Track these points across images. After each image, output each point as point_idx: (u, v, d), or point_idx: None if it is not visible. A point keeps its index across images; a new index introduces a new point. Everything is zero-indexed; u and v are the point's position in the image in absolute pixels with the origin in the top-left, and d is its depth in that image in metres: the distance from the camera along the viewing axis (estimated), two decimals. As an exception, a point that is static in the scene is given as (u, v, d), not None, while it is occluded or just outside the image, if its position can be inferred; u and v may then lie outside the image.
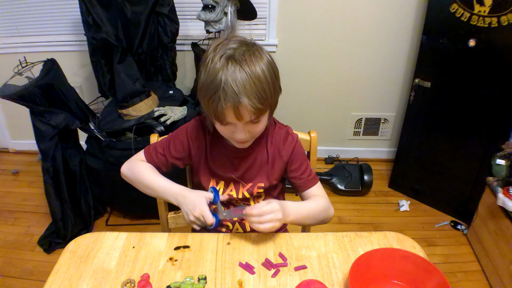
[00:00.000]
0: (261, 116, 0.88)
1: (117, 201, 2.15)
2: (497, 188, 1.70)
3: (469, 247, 1.98)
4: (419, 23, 2.19)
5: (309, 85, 2.47)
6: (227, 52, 0.83)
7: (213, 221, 0.91)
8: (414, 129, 2.23)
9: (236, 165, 1.04)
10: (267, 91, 0.85)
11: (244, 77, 0.81)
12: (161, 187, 1.00)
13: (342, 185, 2.37)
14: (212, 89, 0.82)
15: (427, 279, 0.80)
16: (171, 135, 1.07)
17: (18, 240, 2.03)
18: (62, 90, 1.83)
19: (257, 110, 0.84)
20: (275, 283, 0.84)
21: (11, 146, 2.85)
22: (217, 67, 0.82)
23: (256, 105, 0.83)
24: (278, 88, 0.91)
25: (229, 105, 0.82)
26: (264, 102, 0.85)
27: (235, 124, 0.88)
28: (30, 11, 2.32)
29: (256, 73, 0.82)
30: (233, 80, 0.80)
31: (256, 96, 0.82)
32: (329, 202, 1.04)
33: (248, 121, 0.87)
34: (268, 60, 0.87)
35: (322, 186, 1.08)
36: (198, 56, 2.09)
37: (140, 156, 1.07)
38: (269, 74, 0.85)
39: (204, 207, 0.92)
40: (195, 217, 0.92)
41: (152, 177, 1.02)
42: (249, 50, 0.84)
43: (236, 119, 0.85)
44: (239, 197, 1.05)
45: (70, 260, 0.89)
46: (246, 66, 0.82)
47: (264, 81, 0.84)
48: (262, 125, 0.92)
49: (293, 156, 1.04)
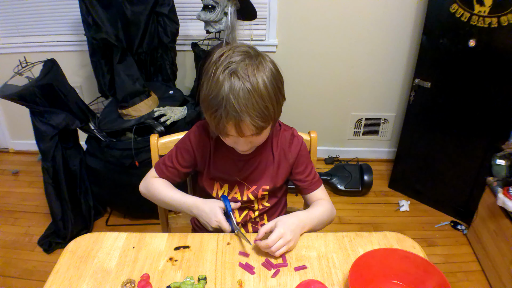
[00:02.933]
0: (263, 130, 0.88)
1: (117, 201, 2.15)
2: (497, 188, 1.70)
3: (469, 247, 1.98)
4: (419, 23, 2.19)
5: (309, 85, 2.47)
6: (230, 66, 0.81)
7: (230, 229, 0.96)
8: (414, 129, 2.23)
9: (240, 168, 1.04)
10: (270, 108, 0.84)
11: (247, 95, 0.80)
12: (175, 201, 1.03)
13: (342, 185, 2.37)
14: (214, 105, 0.82)
15: (427, 279, 0.80)
16: (176, 146, 1.09)
17: (18, 240, 2.03)
18: (62, 90, 1.83)
19: (259, 127, 0.84)
20: (275, 283, 0.84)
21: (11, 146, 2.85)
22: (220, 82, 0.81)
23: (258, 123, 0.83)
24: (282, 98, 0.90)
25: (231, 122, 0.82)
26: (267, 119, 0.85)
27: (237, 138, 0.89)
28: (30, 11, 2.32)
29: (258, 90, 0.81)
30: (236, 98, 0.80)
31: (258, 114, 0.82)
32: (331, 203, 1.07)
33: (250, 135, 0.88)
34: (271, 71, 0.86)
35: (324, 188, 1.10)
36: (198, 56, 2.09)
37: (153, 173, 1.09)
38: (272, 88, 0.84)
39: (220, 217, 0.96)
40: (213, 228, 0.97)
41: (166, 192, 1.05)
42: (252, 65, 0.82)
43: (237, 135, 0.86)
44: (243, 199, 1.05)
45: (70, 260, 0.89)
46: (248, 83, 0.80)
47: (266, 97, 0.83)
48: (265, 135, 0.93)
49: (299, 158, 1.05)
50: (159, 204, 1.10)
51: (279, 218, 0.93)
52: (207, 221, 0.98)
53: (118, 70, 1.91)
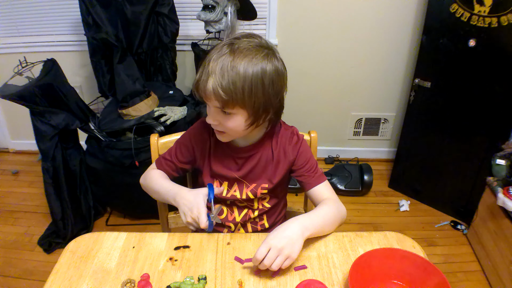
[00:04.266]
0: (228, 108, 0.87)
1: (117, 201, 2.15)
2: (497, 188, 1.70)
3: (469, 247, 1.98)
4: (419, 23, 2.19)
5: (309, 85, 2.47)
6: (235, 41, 0.86)
7: (206, 225, 0.90)
8: (414, 129, 2.23)
9: (240, 165, 1.04)
10: (240, 89, 0.83)
11: (226, 64, 0.83)
12: (163, 189, 1.01)
13: (342, 185, 2.37)
14: (201, 66, 0.87)
15: (427, 279, 0.80)
16: (176, 141, 1.09)
17: (18, 240, 2.03)
18: (62, 90, 1.83)
19: (219, 97, 0.84)
20: (275, 283, 0.84)
21: (11, 146, 2.85)
22: (216, 48, 0.87)
23: (218, 92, 0.84)
24: (272, 98, 0.88)
25: (202, 79, 0.86)
26: (230, 95, 0.83)
27: (209, 107, 0.91)
28: (30, 11, 2.32)
29: (241, 69, 0.83)
30: (215, 60, 0.84)
31: (224, 84, 0.83)
32: (339, 201, 1.01)
33: (217, 108, 0.88)
34: (273, 69, 0.86)
35: (330, 185, 1.05)
36: (198, 56, 2.09)
37: (152, 166, 1.11)
38: (260, 80, 0.84)
39: (202, 208, 0.91)
40: (192, 218, 0.91)
41: (158, 181, 1.04)
42: (257, 49, 0.85)
43: (203, 96, 0.88)
44: (243, 197, 1.04)
45: (70, 260, 0.89)
46: (237, 58, 0.83)
47: (243, 78, 0.83)
48: (234, 122, 0.90)
49: (299, 155, 1.04)
50: (152, 195, 1.07)
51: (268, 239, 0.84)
52: (187, 211, 0.91)
53: (118, 70, 1.91)
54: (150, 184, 1.05)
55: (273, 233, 0.85)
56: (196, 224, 0.92)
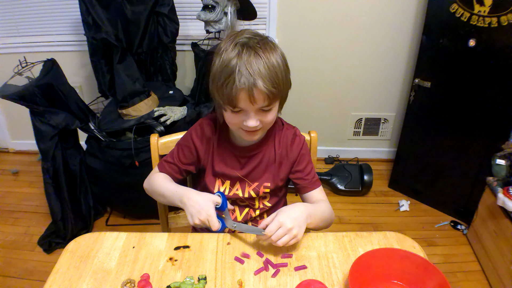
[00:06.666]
0: (273, 103, 0.89)
1: (117, 201, 2.15)
2: (497, 188, 1.70)
3: (469, 247, 1.98)
4: (419, 23, 2.19)
5: (309, 85, 2.47)
6: (241, 40, 0.86)
7: (219, 227, 0.91)
8: (414, 129, 2.23)
9: (243, 164, 1.04)
10: (280, 78, 0.87)
11: (259, 61, 0.83)
12: (169, 191, 1.01)
13: (342, 185, 2.37)
14: (226, 73, 0.84)
15: (427, 279, 0.80)
16: (178, 143, 1.09)
17: (18, 240, 2.03)
18: (62, 90, 1.83)
19: (271, 94, 0.85)
20: (275, 283, 0.84)
21: (11, 146, 2.85)
22: (232, 53, 0.84)
23: (270, 89, 0.84)
24: (289, 80, 0.93)
25: (243, 87, 0.83)
26: (278, 87, 0.86)
27: (247, 111, 0.88)
28: (30, 11, 2.32)
29: (270, 60, 0.85)
30: (248, 63, 0.83)
31: (270, 80, 0.84)
32: (331, 206, 1.05)
33: (260, 109, 0.88)
34: (281, 52, 0.90)
35: (323, 190, 1.08)
36: (198, 56, 2.09)
37: (155, 169, 1.10)
38: (282, 64, 0.88)
39: (212, 211, 0.91)
40: (200, 220, 0.91)
41: (163, 184, 1.03)
42: (263, 40, 0.87)
43: (249, 102, 0.85)
44: (245, 196, 1.05)
45: (70, 260, 0.89)
46: (261, 52, 0.84)
47: (278, 68, 0.86)
48: (273, 115, 0.93)
49: (300, 157, 1.05)
50: (157, 199, 1.07)
51: (280, 209, 0.91)
52: (195, 213, 0.91)
53: (118, 70, 1.91)
54: (154, 187, 1.05)
55: (284, 213, 0.89)
56: (203, 225, 0.92)
